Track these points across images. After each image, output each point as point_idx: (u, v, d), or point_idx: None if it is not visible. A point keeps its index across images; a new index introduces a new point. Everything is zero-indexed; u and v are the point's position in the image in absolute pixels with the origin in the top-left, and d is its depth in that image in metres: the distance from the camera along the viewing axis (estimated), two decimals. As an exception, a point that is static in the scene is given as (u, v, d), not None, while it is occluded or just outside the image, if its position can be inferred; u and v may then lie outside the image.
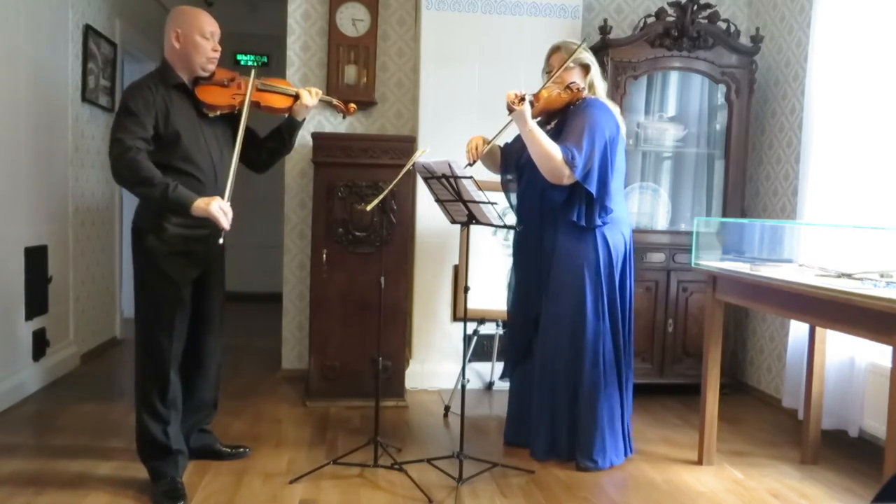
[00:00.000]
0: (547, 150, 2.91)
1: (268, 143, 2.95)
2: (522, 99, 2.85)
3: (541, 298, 3.14)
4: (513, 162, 3.28)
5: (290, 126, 2.91)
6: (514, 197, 3.32)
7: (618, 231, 3.11)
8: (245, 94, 2.73)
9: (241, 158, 2.73)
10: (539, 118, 3.07)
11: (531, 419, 3.19)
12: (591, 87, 3.14)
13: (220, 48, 2.74)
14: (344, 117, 3.14)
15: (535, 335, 3.18)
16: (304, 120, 2.95)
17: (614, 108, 3.13)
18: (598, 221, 3.04)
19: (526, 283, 3.22)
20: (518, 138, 3.15)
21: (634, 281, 3.24)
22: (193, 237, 2.70)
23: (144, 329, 2.73)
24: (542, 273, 3.12)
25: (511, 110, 2.85)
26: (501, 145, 3.32)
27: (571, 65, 3.08)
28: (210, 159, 2.72)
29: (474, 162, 3.06)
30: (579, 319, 3.05)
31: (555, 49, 3.19)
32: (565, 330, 3.07)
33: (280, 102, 2.85)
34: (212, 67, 2.74)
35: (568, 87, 3.06)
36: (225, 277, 3.00)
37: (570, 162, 2.91)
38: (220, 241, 2.55)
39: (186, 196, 2.52)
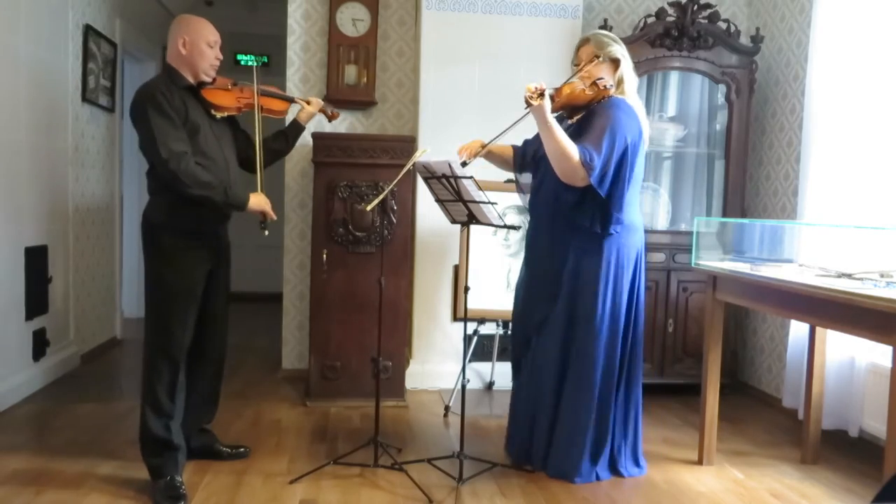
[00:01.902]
0: (564, 149, 2.73)
1: (271, 145, 3.12)
2: (542, 94, 2.65)
3: (548, 302, 3.00)
4: (529, 157, 3.15)
5: (295, 130, 3.17)
6: (527, 198, 3.18)
7: (631, 238, 2.97)
8: (248, 98, 2.93)
9: (238, 159, 2.97)
10: (559, 113, 2.95)
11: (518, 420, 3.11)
12: (620, 83, 2.95)
13: (221, 56, 2.90)
14: (329, 121, 3.34)
15: (535, 337, 3.05)
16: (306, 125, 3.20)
17: (640, 110, 2.96)
18: (611, 230, 2.88)
19: (535, 283, 3.08)
20: (538, 134, 3.03)
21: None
22: (205, 232, 2.82)
23: (157, 323, 2.78)
24: (552, 276, 2.98)
25: (528, 104, 2.65)
26: (520, 143, 3.21)
27: (600, 59, 2.92)
28: (222, 157, 2.84)
29: (466, 162, 2.90)
30: (579, 329, 2.93)
31: (584, 41, 3.01)
32: (560, 338, 2.96)
33: (279, 105, 3.07)
34: (213, 73, 2.89)
35: (594, 83, 2.87)
36: (230, 275, 3.06)
37: (587, 164, 2.74)
38: (266, 232, 2.84)
39: (242, 195, 2.76)
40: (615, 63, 2.97)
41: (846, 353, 3.44)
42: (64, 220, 4.33)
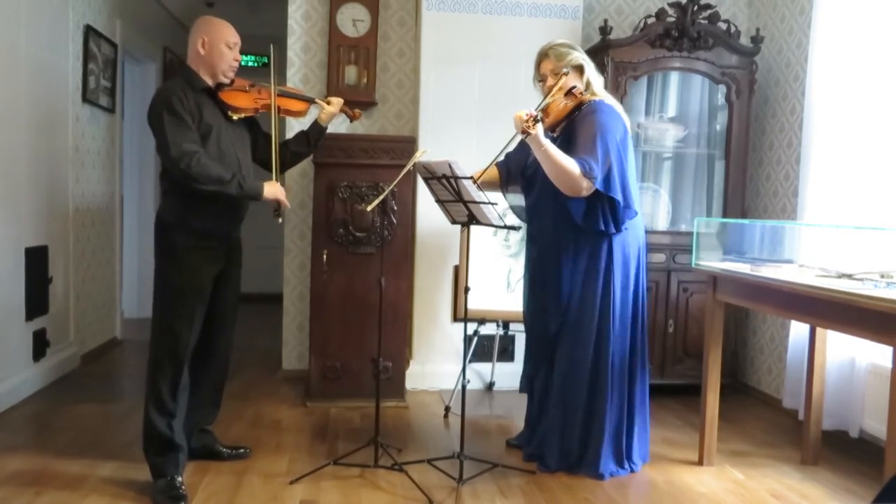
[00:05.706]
0: (564, 167, 2.79)
1: (293, 148, 3.13)
2: (536, 120, 2.70)
3: (559, 310, 3.04)
4: (517, 172, 3.19)
5: (317, 132, 3.14)
6: (522, 199, 3.23)
7: (633, 233, 3.04)
8: (266, 99, 2.93)
9: (259, 161, 3.00)
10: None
11: (543, 430, 3.13)
12: (588, 84, 3.04)
13: (240, 58, 2.91)
14: (351, 121, 3.32)
15: (556, 347, 3.08)
16: (327, 126, 3.16)
17: (617, 106, 3.04)
18: (625, 226, 2.97)
19: (543, 294, 3.11)
20: (520, 147, 3.07)
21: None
22: (217, 233, 2.83)
23: (163, 322, 2.79)
24: (560, 283, 3.03)
25: (526, 133, 2.71)
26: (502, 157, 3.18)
27: (566, 70, 2.97)
28: (236, 158, 2.85)
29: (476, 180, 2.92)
30: (596, 328, 2.99)
31: (542, 56, 3.07)
32: (582, 340, 3.01)
33: (297, 106, 3.09)
34: (232, 75, 2.90)
35: (570, 92, 2.97)
36: (241, 277, 3.07)
37: (588, 174, 2.81)
38: (280, 219, 2.94)
39: (256, 185, 2.79)
40: (579, 68, 3.04)
41: (846, 353, 3.44)
42: (64, 221, 4.33)
